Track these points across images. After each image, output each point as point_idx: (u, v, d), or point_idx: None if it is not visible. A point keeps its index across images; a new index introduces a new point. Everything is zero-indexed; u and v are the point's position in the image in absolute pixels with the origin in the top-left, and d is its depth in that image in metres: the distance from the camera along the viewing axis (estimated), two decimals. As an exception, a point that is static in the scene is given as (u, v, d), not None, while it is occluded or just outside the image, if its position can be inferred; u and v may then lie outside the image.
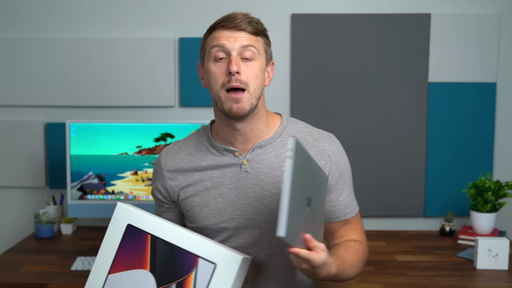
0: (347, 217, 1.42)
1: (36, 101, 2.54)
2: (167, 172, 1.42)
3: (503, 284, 1.88)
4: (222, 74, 1.28)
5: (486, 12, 2.45)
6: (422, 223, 2.56)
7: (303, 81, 2.47)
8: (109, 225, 1.26)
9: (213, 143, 1.39)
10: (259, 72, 1.30)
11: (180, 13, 2.50)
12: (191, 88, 2.51)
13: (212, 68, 1.30)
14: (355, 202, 1.47)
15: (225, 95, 1.28)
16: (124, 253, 1.22)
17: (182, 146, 1.44)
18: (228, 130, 1.35)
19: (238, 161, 1.36)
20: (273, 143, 1.38)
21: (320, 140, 1.39)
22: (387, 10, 2.47)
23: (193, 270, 1.16)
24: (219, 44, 1.28)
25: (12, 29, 2.53)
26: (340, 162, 1.40)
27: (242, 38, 1.28)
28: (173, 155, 1.43)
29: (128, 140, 2.29)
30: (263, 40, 1.34)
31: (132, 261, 1.21)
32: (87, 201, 2.31)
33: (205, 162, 1.38)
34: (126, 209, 1.25)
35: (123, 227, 1.24)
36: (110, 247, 1.24)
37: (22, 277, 1.96)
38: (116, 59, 2.51)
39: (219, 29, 1.31)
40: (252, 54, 1.29)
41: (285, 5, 2.48)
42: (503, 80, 2.49)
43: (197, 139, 1.43)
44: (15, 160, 2.56)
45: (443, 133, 2.49)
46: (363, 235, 1.46)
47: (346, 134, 2.48)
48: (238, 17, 1.29)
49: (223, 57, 1.29)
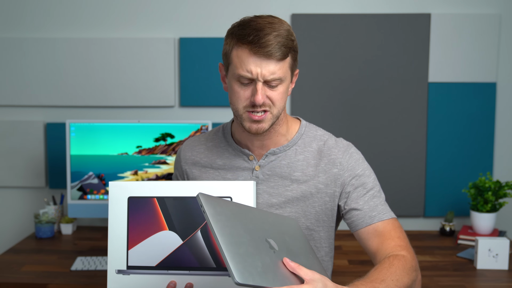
0: (374, 220, 1.30)
1: (36, 101, 2.54)
2: (185, 164, 1.45)
3: (503, 284, 1.88)
4: (246, 98, 1.25)
5: (486, 12, 2.45)
6: (422, 223, 2.56)
7: (303, 81, 2.47)
8: (109, 206, 1.26)
9: (231, 142, 1.39)
10: (283, 94, 1.27)
11: (180, 13, 2.50)
12: (191, 88, 2.51)
13: (236, 88, 1.26)
14: (387, 209, 1.34)
15: (246, 114, 1.26)
16: (136, 225, 1.23)
17: (202, 140, 1.46)
18: (245, 135, 1.35)
19: (251, 166, 1.36)
20: (288, 151, 1.36)
21: (334, 149, 1.36)
22: (387, 10, 2.47)
23: None
24: (246, 76, 1.22)
25: (12, 29, 2.53)
26: (356, 169, 1.34)
27: (270, 69, 1.21)
28: (192, 147, 1.45)
29: (128, 140, 2.29)
30: (291, 56, 1.26)
31: (147, 229, 1.22)
32: (87, 201, 2.31)
33: (220, 160, 1.39)
34: (120, 185, 1.26)
35: (124, 202, 1.24)
36: (120, 225, 1.24)
37: (22, 277, 1.96)
38: (116, 59, 2.51)
39: (247, 51, 1.22)
40: (279, 82, 1.25)
41: (285, 5, 2.48)
42: (503, 80, 2.49)
43: (217, 135, 1.44)
44: (15, 160, 2.56)
45: (443, 133, 2.49)
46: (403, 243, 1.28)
47: (346, 134, 2.48)
48: (269, 43, 1.20)
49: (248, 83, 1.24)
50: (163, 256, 1.21)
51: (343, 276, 1.93)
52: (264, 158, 1.35)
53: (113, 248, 1.24)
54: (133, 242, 1.23)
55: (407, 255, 1.24)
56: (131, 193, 1.25)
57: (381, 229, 1.30)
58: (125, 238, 1.23)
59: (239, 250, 0.95)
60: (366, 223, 1.31)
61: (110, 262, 1.24)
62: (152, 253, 1.22)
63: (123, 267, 1.23)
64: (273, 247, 1.04)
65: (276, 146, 1.36)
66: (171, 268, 1.20)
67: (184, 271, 1.20)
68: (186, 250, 1.20)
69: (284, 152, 1.36)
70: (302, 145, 1.37)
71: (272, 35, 1.20)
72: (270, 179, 1.35)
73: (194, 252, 1.20)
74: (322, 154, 1.35)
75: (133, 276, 1.23)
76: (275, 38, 1.20)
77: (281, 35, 1.22)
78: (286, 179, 1.34)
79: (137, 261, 1.22)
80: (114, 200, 1.25)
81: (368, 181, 1.35)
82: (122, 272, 1.23)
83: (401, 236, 1.30)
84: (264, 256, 0.99)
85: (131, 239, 1.23)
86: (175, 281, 1.20)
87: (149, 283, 1.22)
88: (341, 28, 2.46)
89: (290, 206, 1.34)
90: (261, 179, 1.35)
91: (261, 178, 1.35)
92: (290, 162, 1.35)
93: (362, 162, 1.37)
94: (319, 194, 1.34)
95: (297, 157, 1.35)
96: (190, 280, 1.19)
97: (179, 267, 1.20)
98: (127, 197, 1.25)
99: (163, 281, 1.20)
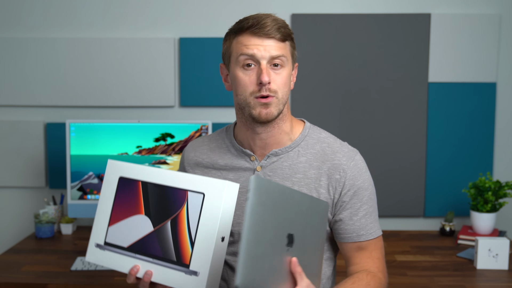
0: (360, 239, 1.33)
1: (36, 101, 2.54)
2: (188, 165, 1.45)
3: (503, 284, 1.88)
4: (252, 82, 1.26)
5: (486, 12, 2.45)
6: (422, 223, 2.56)
7: (303, 81, 2.47)
8: (103, 182, 1.32)
9: (234, 142, 1.39)
10: (287, 79, 1.29)
11: (180, 13, 2.50)
12: (191, 88, 2.51)
13: (240, 75, 1.27)
14: (376, 226, 1.36)
15: (254, 101, 1.26)
16: (120, 204, 1.28)
17: (206, 140, 1.46)
18: (248, 134, 1.34)
19: (252, 166, 1.35)
20: (290, 152, 1.35)
21: (338, 153, 1.34)
22: (387, 10, 2.47)
23: (184, 204, 1.20)
24: (249, 53, 1.25)
25: (12, 29, 2.53)
26: (357, 179, 1.32)
27: (271, 47, 1.25)
28: (195, 148, 1.46)
29: (128, 140, 2.29)
30: (290, 44, 1.31)
31: (128, 210, 1.27)
32: (87, 201, 2.31)
33: (222, 160, 1.39)
34: (116, 164, 1.31)
35: (115, 181, 1.30)
36: (106, 202, 1.30)
37: (22, 277, 1.96)
38: (116, 59, 2.51)
39: (247, 35, 1.26)
40: (282, 62, 1.27)
41: (285, 5, 2.48)
42: (503, 80, 2.49)
43: (220, 136, 1.45)
44: (15, 160, 2.56)
45: (443, 133, 2.50)
46: (381, 266, 1.35)
47: (346, 134, 2.48)
48: (267, 24, 1.25)
49: (252, 64, 1.26)
50: (135, 239, 1.25)
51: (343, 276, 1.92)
52: (266, 159, 1.34)
53: (98, 222, 1.30)
54: (114, 219, 1.28)
55: (382, 278, 1.32)
56: (122, 173, 1.30)
57: (364, 247, 1.34)
58: (109, 214, 1.29)
59: (256, 251, 0.96)
60: (352, 240, 1.34)
61: (92, 235, 1.30)
62: (126, 234, 1.26)
63: (101, 242, 1.29)
64: (291, 243, 1.05)
65: (278, 147, 1.34)
66: (138, 252, 1.24)
67: (148, 258, 1.23)
68: (154, 238, 1.23)
69: (286, 153, 1.35)
70: (305, 147, 1.35)
71: (270, 19, 1.26)
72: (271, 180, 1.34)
73: (161, 241, 1.22)
74: (325, 157, 1.34)
75: (108, 252, 1.28)
76: (272, 21, 1.26)
77: (278, 21, 1.28)
78: (287, 180, 1.33)
79: (113, 239, 1.27)
80: (108, 177, 1.31)
81: (366, 194, 1.34)
82: (100, 246, 1.29)
83: (380, 258, 1.35)
84: (277, 256, 1.01)
85: (114, 216, 1.28)
86: (139, 266, 1.23)
87: (118, 262, 1.26)
88: (341, 28, 2.46)
89: None
90: None
91: None
92: (292, 163, 1.34)
93: (365, 172, 1.35)
94: (320, 198, 1.32)
95: (299, 158, 1.34)
96: (151, 268, 1.22)
97: (145, 253, 1.23)
98: (119, 177, 1.30)
99: (129, 263, 1.24)
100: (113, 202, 1.29)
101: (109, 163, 1.32)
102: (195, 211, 1.19)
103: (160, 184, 1.24)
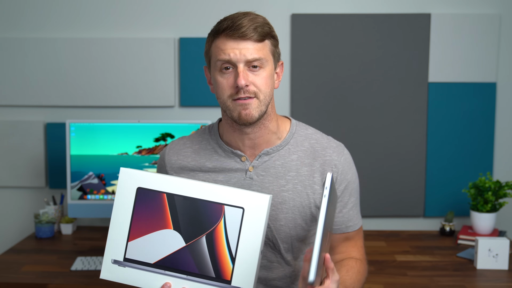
0: (348, 230, 1.38)
1: (36, 101, 2.54)
2: (170, 169, 1.40)
3: (503, 284, 1.88)
4: (229, 86, 1.25)
5: (486, 12, 2.45)
6: (422, 223, 2.56)
7: (303, 81, 2.47)
8: (116, 193, 1.22)
9: (221, 143, 1.36)
10: (268, 79, 1.27)
11: (180, 13, 2.50)
12: (191, 88, 2.51)
13: (219, 79, 1.26)
14: (359, 216, 1.42)
15: (232, 103, 1.25)
16: (141, 218, 1.19)
17: (187, 143, 1.41)
18: (236, 135, 1.33)
19: (244, 167, 1.34)
20: (281, 150, 1.35)
21: (328, 149, 1.36)
22: (387, 10, 2.47)
23: (221, 219, 1.16)
24: (225, 58, 1.23)
25: (12, 29, 2.53)
26: (347, 174, 1.36)
27: (248, 49, 1.23)
28: (177, 151, 1.40)
29: (128, 140, 2.29)
30: (270, 42, 1.29)
31: (151, 224, 1.19)
32: (87, 201, 2.32)
33: (210, 163, 1.36)
34: (132, 173, 1.21)
35: (132, 191, 1.20)
36: (124, 215, 1.20)
37: (22, 277, 1.96)
38: (116, 59, 2.51)
39: (223, 38, 1.25)
40: (260, 63, 1.25)
41: (285, 5, 2.48)
42: (503, 80, 2.49)
43: (203, 137, 1.40)
44: (15, 160, 2.56)
45: (443, 133, 2.49)
46: (364, 253, 1.43)
47: (346, 134, 2.48)
48: (243, 25, 1.23)
49: (230, 67, 1.25)
50: (163, 255, 1.18)
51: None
52: (257, 158, 1.33)
53: (113, 236, 1.21)
54: (134, 234, 1.20)
55: (366, 265, 1.41)
56: (141, 184, 1.20)
57: (350, 237, 1.40)
58: (127, 228, 1.20)
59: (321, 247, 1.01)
60: (341, 231, 1.39)
61: (107, 250, 1.21)
62: (152, 250, 1.18)
63: (120, 258, 1.21)
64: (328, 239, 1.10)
65: (268, 146, 1.34)
66: (169, 269, 1.18)
67: (181, 275, 1.17)
68: (187, 254, 1.17)
69: (277, 152, 1.34)
70: (295, 144, 1.36)
71: (246, 19, 1.24)
72: (264, 180, 1.33)
73: (195, 257, 1.17)
74: (316, 154, 1.35)
75: (129, 269, 1.20)
76: (249, 21, 1.24)
77: (256, 20, 1.25)
78: (281, 179, 1.33)
79: (135, 254, 1.20)
80: (122, 188, 1.21)
81: (353, 187, 1.39)
82: (118, 263, 1.21)
83: (363, 246, 1.44)
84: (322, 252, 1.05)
85: (133, 231, 1.20)
86: (170, 283, 1.18)
87: (143, 280, 1.19)
88: (341, 28, 2.46)
89: (287, 207, 1.32)
90: (255, 180, 1.33)
91: (255, 179, 1.33)
92: (284, 162, 1.34)
93: (353, 166, 1.40)
94: (315, 195, 1.34)
95: (290, 156, 1.34)
96: (186, 285, 1.17)
97: (177, 270, 1.17)
98: (136, 187, 1.20)
99: (158, 280, 1.18)
100: (132, 215, 1.20)
101: (122, 172, 1.21)
102: (234, 225, 1.15)
103: (191, 197, 1.17)
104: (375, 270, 2.00)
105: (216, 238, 1.16)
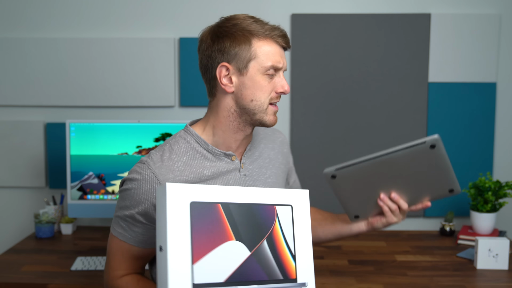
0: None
1: (36, 101, 2.54)
2: None
3: (503, 284, 1.88)
4: (271, 89, 1.32)
5: (486, 12, 2.45)
6: (422, 223, 2.56)
7: (303, 81, 2.47)
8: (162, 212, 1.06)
9: (210, 148, 1.34)
10: None
11: (180, 13, 2.50)
12: (191, 88, 2.51)
13: (262, 82, 1.30)
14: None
15: (270, 108, 1.34)
16: (201, 235, 1.07)
17: (173, 157, 1.31)
18: (237, 136, 1.36)
19: (236, 166, 1.37)
20: (254, 143, 1.45)
21: (275, 131, 1.56)
22: (387, 10, 2.47)
23: (275, 219, 1.17)
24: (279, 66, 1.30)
25: (12, 29, 2.53)
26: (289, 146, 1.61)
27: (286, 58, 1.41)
28: (169, 168, 1.29)
29: (128, 140, 2.29)
30: None
31: (213, 239, 1.08)
32: (87, 201, 2.32)
33: (208, 170, 1.32)
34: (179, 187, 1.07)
35: (187, 208, 1.07)
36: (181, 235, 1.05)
37: (22, 277, 1.96)
38: (116, 59, 2.51)
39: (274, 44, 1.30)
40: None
41: (285, 5, 2.48)
42: (503, 80, 2.49)
43: (186, 147, 1.34)
44: (15, 160, 2.56)
45: (443, 133, 2.49)
46: None
47: (346, 134, 2.48)
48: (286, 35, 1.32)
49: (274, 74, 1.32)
50: (232, 270, 1.09)
51: (343, 276, 1.93)
52: (244, 154, 1.40)
53: (175, 263, 1.03)
54: (198, 254, 1.06)
55: None
56: (194, 198, 1.08)
57: None
58: (189, 250, 1.05)
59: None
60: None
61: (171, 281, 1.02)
62: (219, 267, 1.08)
63: (189, 286, 1.04)
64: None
65: (248, 141, 1.42)
66: (241, 283, 1.09)
67: (254, 286, 1.11)
68: (253, 262, 1.11)
69: (252, 144, 1.44)
70: (257, 135, 1.48)
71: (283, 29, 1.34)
72: (253, 173, 1.41)
73: (262, 264, 1.12)
74: (272, 137, 1.51)
75: None
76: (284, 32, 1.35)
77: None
78: (263, 168, 1.43)
79: (204, 277, 1.05)
80: (172, 205, 1.05)
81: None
82: None
83: None
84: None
85: (196, 251, 1.06)
86: None
87: None
88: (341, 28, 2.46)
89: None
90: (248, 175, 1.40)
91: (248, 174, 1.40)
92: (261, 152, 1.45)
93: None
94: (283, 174, 1.51)
95: (260, 145, 1.46)
96: None
97: (248, 281, 1.10)
98: (190, 202, 1.07)
99: None
100: (191, 234, 1.06)
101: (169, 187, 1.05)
102: (288, 223, 1.18)
103: (245, 203, 1.13)
104: (375, 270, 2.00)
105: (276, 239, 1.16)
